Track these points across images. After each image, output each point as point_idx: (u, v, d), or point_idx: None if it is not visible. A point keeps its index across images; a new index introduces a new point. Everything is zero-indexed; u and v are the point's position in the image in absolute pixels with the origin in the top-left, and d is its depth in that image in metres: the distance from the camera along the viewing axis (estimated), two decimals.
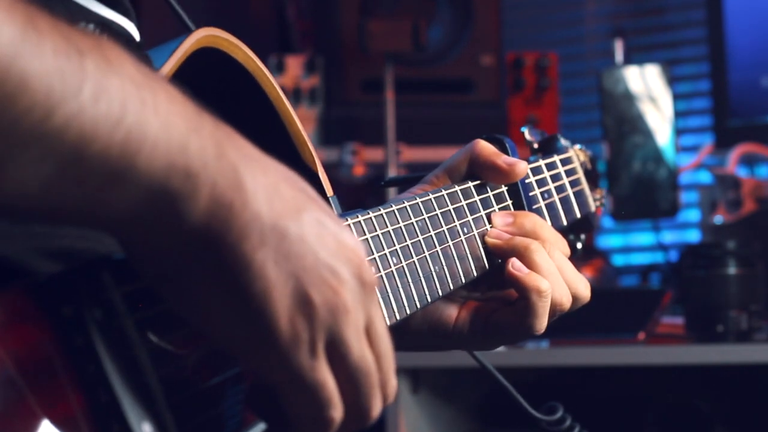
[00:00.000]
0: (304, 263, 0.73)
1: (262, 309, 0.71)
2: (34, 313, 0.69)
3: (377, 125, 2.73)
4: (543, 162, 1.19)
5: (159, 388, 0.73)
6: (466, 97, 2.94)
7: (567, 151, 1.25)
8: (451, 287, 1.00)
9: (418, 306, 0.95)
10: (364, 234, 0.91)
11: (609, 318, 2.32)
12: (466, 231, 1.04)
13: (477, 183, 1.08)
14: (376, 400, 0.78)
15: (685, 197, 2.94)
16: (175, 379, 0.75)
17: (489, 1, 2.95)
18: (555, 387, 2.42)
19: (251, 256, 0.71)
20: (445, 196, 1.03)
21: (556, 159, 1.22)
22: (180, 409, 0.74)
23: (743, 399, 2.42)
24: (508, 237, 1.06)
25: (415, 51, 2.73)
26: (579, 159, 1.28)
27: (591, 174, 1.30)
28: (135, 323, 0.73)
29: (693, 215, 3.08)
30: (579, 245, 1.24)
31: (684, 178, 2.96)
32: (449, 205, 1.03)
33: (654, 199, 2.68)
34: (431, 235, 0.99)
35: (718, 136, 2.78)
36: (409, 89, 2.85)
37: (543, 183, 1.17)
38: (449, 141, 2.75)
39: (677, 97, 2.83)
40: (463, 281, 1.02)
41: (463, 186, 1.06)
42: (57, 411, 0.68)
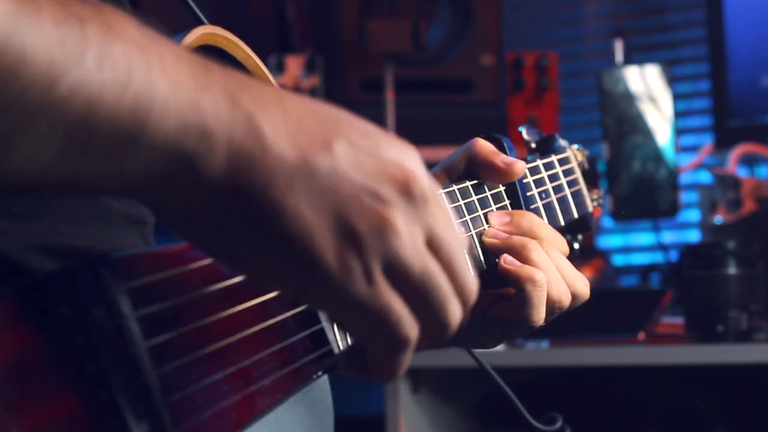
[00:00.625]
0: (340, 194, 0.71)
1: (306, 250, 0.70)
2: (32, 312, 0.69)
3: (377, 125, 2.73)
4: (541, 162, 1.19)
5: (157, 387, 0.73)
6: (466, 97, 2.94)
7: (565, 151, 1.25)
8: None
9: None
10: None
11: (609, 318, 2.32)
12: (463, 230, 1.04)
13: (475, 182, 1.08)
14: (453, 307, 0.76)
15: (685, 197, 2.94)
16: (175, 376, 0.75)
17: (489, 1, 2.95)
18: (555, 387, 2.42)
19: (282, 201, 0.70)
20: (443, 195, 1.03)
21: (553, 159, 1.22)
22: (179, 406, 0.74)
23: (743, 399, 2.42)
24: (505, 236, 1.05)
25: (415, 51, 2.73)
26: (577, 159, 1.28)
27: (589, 174, 1.30)
28: (134, 322, 0.73)
29: (693, 215, 3.08)
30: (576, 246, 1.25)
31: (684, 178, 2.96)
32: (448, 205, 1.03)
33: (654, 199, 2.68)
34: None
35: (718, 136, 2.78)
36: (409, 89, 2.85)
37: (541, 183, 1.17)
38: (449, 141, 2.75)
39: (677, 97, 2.83)
40: None
41: (461, 185, 1.06)
42: (55, 409, 0.68)
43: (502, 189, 1.11)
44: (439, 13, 2.95)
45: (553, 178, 1.20)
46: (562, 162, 1.23)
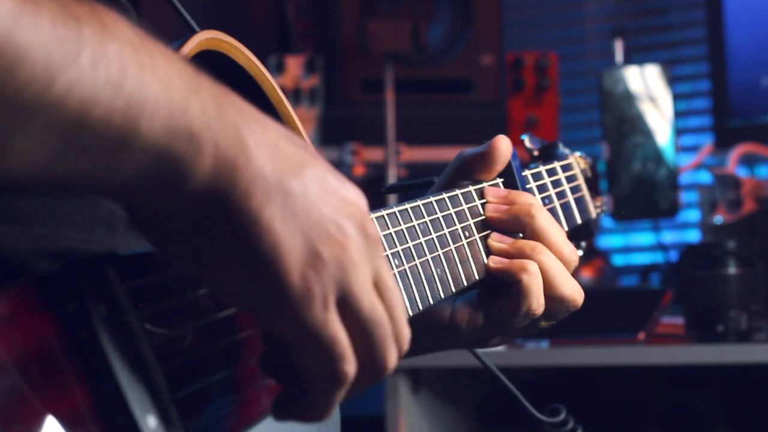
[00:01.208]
0: (310, 219, 0.73)
1: (272, 264, 0.71)
2: (38, 308, 0.69)
3: (377, 125, 2.73)
4: (543, 168, 1.19)
5: (163, 381, 0.73)
6: (466, 97, 2.94)
7: (567, 158, 1.26)
8: (453, 290, 1.00)
9: (420, 308, 0.95)
10: None
11: (609, 318, 2.32)
12: (467, 235, 1.04)
13: (478, 187, 1.08)
14: (391, 351, 0.78)
15: (685, 197, 2.94)
16: (180, 373, 0.75)
17: (489, 1, 2.95)
18: (555, 387, 2.42)
19: (258, 212, 0.71)
20: (447, 199, 1.03)
21: (556, 165, 1.22)
22: (185, 403, 0.75)
23: (743, 399, 2.42)
24: (505, 208, 1.06)
25: (415, 51, 2.73)
26: (580, 166, 1.29)
27: (592, 182, 1.30)
28: (139, 318, 0.73)
29: (693, 215, 3.09)
30: (580, 252, 1.25)
31: (684, 178, 2.96)
32: (451, 209, 1.03)
33: (654, 199, 2.68)
34: (433, 238, 0.99)
35: (718, 136, 2.78)
36: (409, 89, 2.85)
37: (544, 189, 1.17)
38: (449, 141, 2.75)
39: (677, 97, 2.83)
40: (465, 284, 1.02)
41: (464, 189, 1.06)
42: (61, 405, 0.68)
43: None
44: (439, 13, 2.95)
45: (556, 184, 1.20)
46: (564, 168, 1.24)
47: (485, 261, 1.05)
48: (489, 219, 1.06)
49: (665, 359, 2.22)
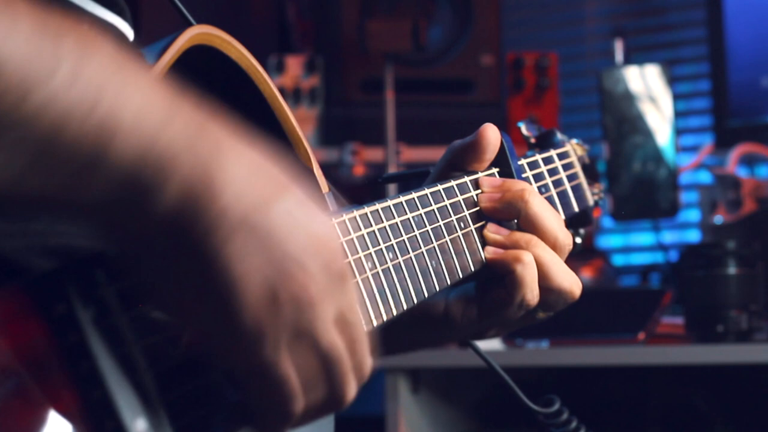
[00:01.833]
0: (271, 258, 0.72)
1: (226, 302, 0.71)
2: (26, 311, 0.69)
3: (377, 125, 2.73)
4: (540, 156, 1.18)
5: (153, 384, 0.73)
6: (466, 97, 2.94)
7: (564, 146, 1.25)
8: (448, 282, 1.00)
9: (415, 301, 0.94)
10: (359, 230, 0.90)
11: (609, 318, 2.32)
12: (462, 226, 1.03)
13: (473, 177, 1.07)
14: (350, 384, 0.78)
15: (685, 197, 2.94)
16: (170, 376, 0.75)
17: (489, 1, 2.95)
18: (555, 387, 2.42)
19: (218, 249, 0.71)
20: (441, 191, 1.03)
21: (552, 153, 1.21)
22: (175, 406, 0.74)
23: (743, 399, 2.42)
24: (499, 196, 1.05)
25: (415, 51, 2.73)
26: (576, 153, 1.27)
27: (589, 168, 1.29)
28: (128, 320, 0.73)
29: (693, 215, 3.08)
30: (578, 240, 1.24)
31: (684, 178, 2.96)
32: (445, 200, 1.03)
33: (654, 199, 2.68)
34: (428, 230, 0.99)
35: (718, 136, 2.78)
36: (409, 89, 2.84)
37: (540, 177, 1.17)
38: (449, 141, 2.74)
39: (677, 97, 2.83)
40: (460, 276, 1.02)
41: (460, 181, 1.06)
42: (50, 408, 0.68)
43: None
44: (439, 13, 2.94)
45: (553, 172, 1.19)
46: (561, 156, 1.23)
47: (481, 252, 1.04)
48: (483, 208, 1.05)
49: (665, 359, 2.22)
